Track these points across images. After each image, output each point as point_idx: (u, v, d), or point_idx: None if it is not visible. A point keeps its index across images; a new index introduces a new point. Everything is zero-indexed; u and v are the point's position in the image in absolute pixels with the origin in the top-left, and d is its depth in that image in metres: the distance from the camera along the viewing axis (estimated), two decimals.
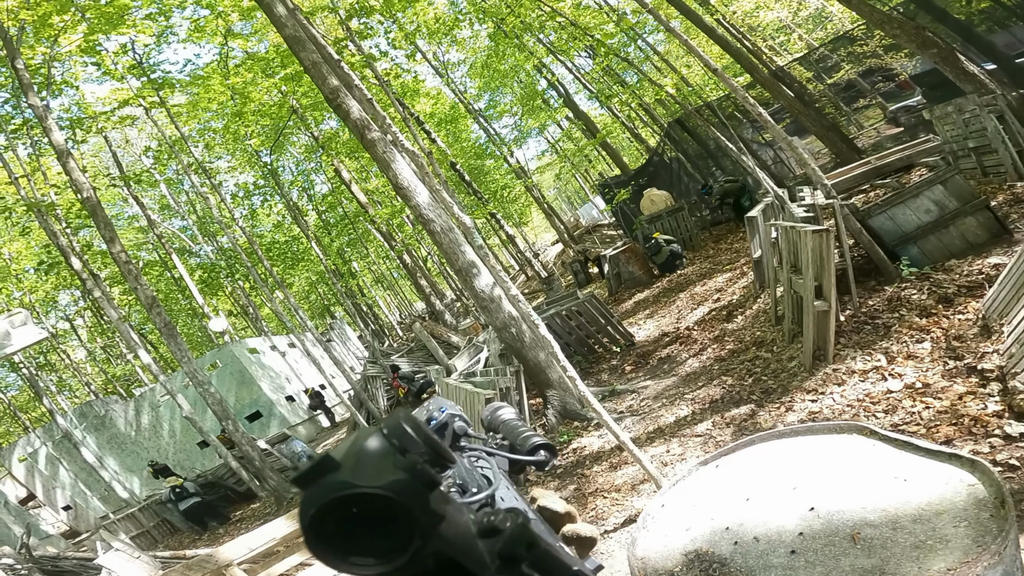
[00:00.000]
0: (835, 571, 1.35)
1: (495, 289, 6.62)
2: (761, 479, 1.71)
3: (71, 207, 16.42)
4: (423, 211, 7.03)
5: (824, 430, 1.77)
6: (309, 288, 30.83)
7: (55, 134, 12.00)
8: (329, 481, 0.42)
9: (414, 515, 0.42)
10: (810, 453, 1.70)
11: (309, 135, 20.04)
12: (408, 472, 0.44)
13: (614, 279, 12.77)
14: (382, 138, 7.61)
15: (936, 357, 4.34)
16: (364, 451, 0.45)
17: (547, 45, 19.07)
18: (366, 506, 0.42)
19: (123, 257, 12.13)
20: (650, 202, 13.65)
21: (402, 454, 0.46)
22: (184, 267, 21.70)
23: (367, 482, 0.42)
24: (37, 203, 14.27)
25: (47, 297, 24.74)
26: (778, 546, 1.47)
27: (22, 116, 15.56)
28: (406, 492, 0.42)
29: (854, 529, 1.39)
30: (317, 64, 7.95)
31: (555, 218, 21.05)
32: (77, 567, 7.59)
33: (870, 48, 14.97)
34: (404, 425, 0.49)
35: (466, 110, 22.52)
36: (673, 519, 1.79)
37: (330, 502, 0.42)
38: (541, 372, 6.60)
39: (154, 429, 19.02)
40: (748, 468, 1.81)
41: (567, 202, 48.17)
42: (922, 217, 5.49)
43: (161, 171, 23.29)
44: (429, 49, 21.58)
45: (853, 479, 1.51)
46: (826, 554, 1.39)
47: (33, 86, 11.92)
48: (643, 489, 4.89)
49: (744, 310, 7.72)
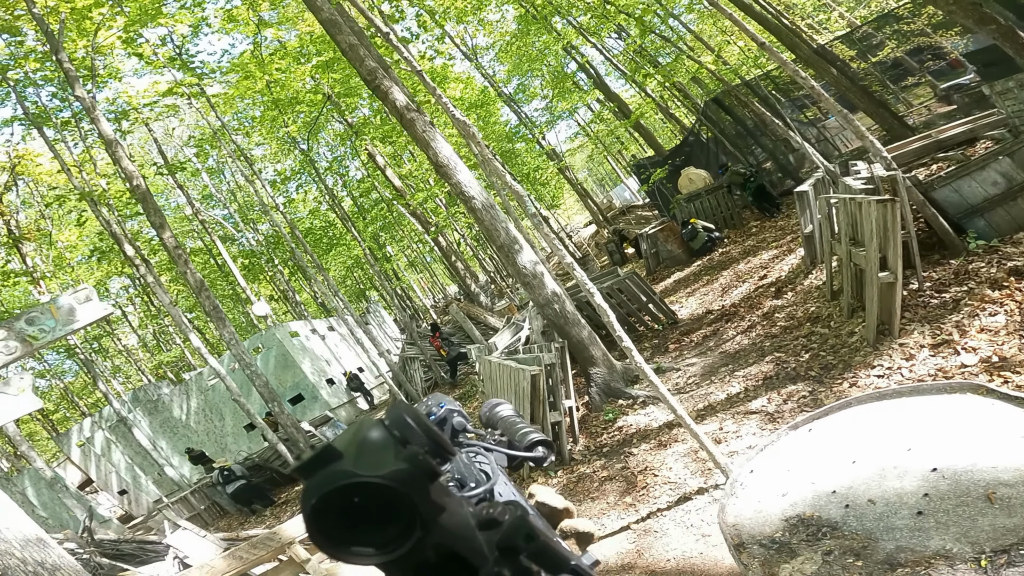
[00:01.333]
0: (972, 531, 1.29)
1: (538, 266, 6.59)
2: (865, 442, 1.65)
3: (121, 196, 17.02)
4: (464, 188, 7.02)
5: (933, 390, 1.68)
6: (345, 273, 31.37)
7: (103, 124, 12.41)
8: (331, 470, 0.42)
9: (415, 505, 0.42)
10: (920, 414, 1.63)
11: (343, 121, 20.22)
12: (409, 462, 0.44)
13: (652, 258, 12.58)
14: (420, 117, 7.63)
15: (1012, 330, 4.14)
16: (366, 441, 0.46)
17: (576, 26, 18.70)
18: (367, 496, 0.42)
19: (172, 243, 12.53)
20: (688, 181, 13.34)
21: (403, 445, 0.46)
22: (227, 253, 22.36)
23: (369, 472, 0.42)
24: (89, 192, 14.84)
25: (99, 284, 25.81)
26: (899, 508, 1.41)
27: (70, 109, 16.16)
28: (407, 482, 0.42)
29: (988, 489, 1.32)
30: (354, 47, 7.98)
31: (588, 199, 20.80)
32: (138, 550, 7.86)
33: (917, 27, 14.26)
34: (405, 417, 0.50)
35: (496, 94, 22.34)
36: (765, 484, 1.74)
37: (332, 491, 0.41)
38: (584, 349, 6.57)
39: (204, 412, 19.75)
40: (847, 431, 1.74)
41: (599, 184, 47.55)
42: (989, 189, 5.22)
43: (202, 160, 23.94)
44: (456, 34, 21.43)
45: (976, 440, 1.44)
46: (959, 514, 1.32)
47: (79, 79, 12.32)
48: (695, 467, 4.82)
49: (794, 286, 7.50)
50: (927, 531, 1.34)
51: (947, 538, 1.31)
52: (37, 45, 13.81)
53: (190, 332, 12.59)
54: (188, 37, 15.81)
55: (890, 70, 15.24)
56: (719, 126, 14.43)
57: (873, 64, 14.58)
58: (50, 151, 14.69)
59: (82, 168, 16.42)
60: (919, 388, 1.70)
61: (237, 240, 27.65)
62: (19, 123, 16.03)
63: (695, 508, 4.13)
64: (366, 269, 29.56)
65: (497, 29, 23.75)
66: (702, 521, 3.94)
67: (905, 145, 7.30)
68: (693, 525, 3.96)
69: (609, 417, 6.32)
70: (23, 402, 6.13)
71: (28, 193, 22.85)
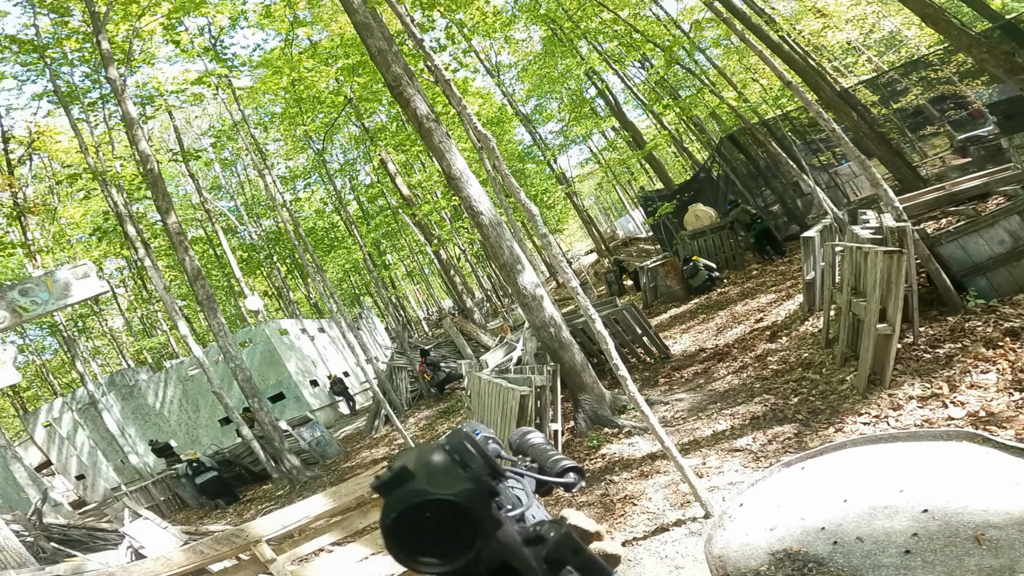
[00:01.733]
0: (959, 570, 1.26)
1: (538, 288, 6.58)
2: (858, 482, 1.61)
3: (133, 179, 17.08)
4: (473, 203, 7.04)
5: (929, 436, 1.65)
6: (343, 276, 31.33)
7: (128, 105, 12.50)
8: (410, 488, 0.48)
9: (480, 520, 0.48)
10: (914, 459, 1.60)
11: (360, 125, 20.41)
12: (474, 483, 0.50)
13: (650, 292, 12.58)
14: (439, 128, 7.70)
15: (1002, 387, 4.12)
16: (432, 464, 0.52)
17: (601, 51, 19.01)
18: (438, 512, 0.47)
19: (175, 228, 12.50)
20: (695, 217, 13.42)
21: (463, 467, 0.53)
22: (228, 244, 22.34)
23: (441, 490, 0.48)
24: (103, 172, 14.89)
25: (95, 261, 25.70)
26: (887, 546, 1.37)
27: (100, 91, 16.35)
28: (474, 500, 0.49)
29: (977, 530, 1.29)
30: (383, 51, 8.09)
31: (592, 227, 20.90)
32: (87, 536, 7.58)
33: (944, 75, 14.42)
34: (464, 442, 0.57)
35: (514, 112, 22.61)
36: (754, 518, 1.70)
37: (410, 507, 0.47)
38: (575, 375, 6.51)
39: (179, 403, 19.44)
40: (839, 471, 1.71)
41: (604, 212, 47.83)
42: (995, 248, 5.24)
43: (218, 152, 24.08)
44: (481, 49, 21.76)
45: (969, 485, 1.41)
46: (947, 554, 1.29)
47: (113, 60, 12.46)
48: (674, 499, 4.75)
49: (789, 331, 7.49)
50: (914, 569, 1.30)
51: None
52: (81, 26, 14.07)
53: (179, 319, 12.48)
54: (225, 28, 16.09)
55: (910, 118, 15.38)
56: (731, 164, 14.58)
57: (894, 111, 14.72)
58: (72, 129, 14.79)
59: (99, 148, 16.53)
60: (915, 434, 1.68)
61: (239, 233, 27.68)
62: (47, 99, 16.22)
63: (671, 539, 4.05)
64: (363, 274, 29.52)
65: (522, 48, 24.14)
66: (677, 553, 3.86)
67: (917, 196, 7.36)
68: (667, 556, 3.88)
69: (594, 444, 6.24)
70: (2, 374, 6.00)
71: (41, 167, 22.93)
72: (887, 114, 13.92)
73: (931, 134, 16.07)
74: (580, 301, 4.58)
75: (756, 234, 11.69)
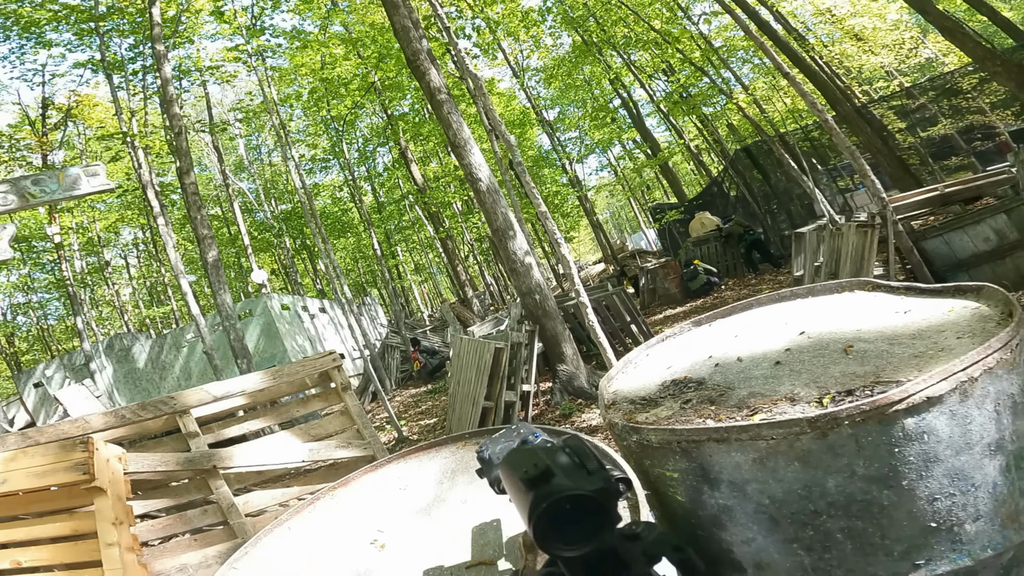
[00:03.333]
0: (823, 377, 1.31)
1: (527, 255, 6.66)
2: (754, 327, 1.67)
3: (161, 145, 17.53)
4: (474, 169, 7.20)
5: (825, 290, 1.71)
6: (351, 264, 31.64)
7: (166, 69, 12.88)
8: (557, 484, 0.59)
9: (608, 513, 0.59)
10: (810, 308, 1.65)
11: (382, 112, 20.77)
12: (605, 482, 0.61)
13: (648, 293, 12.59)
14: (449, 100, 7.95)
15: None
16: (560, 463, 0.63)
17: (627, 61, 19.19)
18: (576, 505, 0.58)
19: (192, 189, 12.78)
20: (700, 224, 13.44)
21: (583, 468, 0.64)
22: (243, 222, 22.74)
23: (583, 487, 0.59)
24: (134, 135, 15.32)
25: (110, 228, 26.21)
26: (761, 362, 1.43)
27: (143, 61, 16.89)
28: (607, 496, 0.59)
29: (847, 344, 1.34)
30: (406, 28, 8.41)
31: (601, 233, 20.98)
32: None
33: (975, 104, 14.16)
34: (585, 446, 0.69)
35: (536, 116, 22.84)
36: (656, 363, 1.76)
37: (559, 499, 0.57)
38: (556, 344, 6.56)
39: (171, 368, 19.55)
40: (743, 323, 1.76)
41: (618, 228, 48.08)
42: (979, 245, 5.23)
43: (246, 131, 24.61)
44: (511, 52, 22.08)
45: (850, 316, 1.46)
46: (814, 364, 1.35)
47: (163, 32, 12.89)
48: None
49: None
50: (780, 378, 1.36)
51: (797, 383, 1.32)
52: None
53: (182, 277, 12.67)
54: (267, 9, 16.55)
55: (936, 145, 15.11)
56: (745, 179, 14.57)
57: (921, 139, 14.50)
58: (112, 95, 15.21)
59: (134, 115, 17.02)
60: (812, 289, 1.73)
61: (255, 215, 28.13)
62: (89, 68, 16.73)
63: None
64: (371, 263, 29.82)
65: (552, 53, 24.41)
66: None
67: (909, 196, 7.35)
68: None
69: (566, 412, 6.26)
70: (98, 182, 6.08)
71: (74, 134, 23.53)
72: (913, 142, 13.76)
73: (956, 167, 15.76)
74: (572, 272, 4.68)
75: (746, 245, 11.75)
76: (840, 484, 1.22)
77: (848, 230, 4.18)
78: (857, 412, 1.17)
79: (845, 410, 1.17)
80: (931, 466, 1.19)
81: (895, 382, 1.23)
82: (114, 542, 2.38)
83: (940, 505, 1.22)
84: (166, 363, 19.65)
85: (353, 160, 21.52)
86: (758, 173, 14.39)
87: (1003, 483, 1.24)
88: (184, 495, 2.98)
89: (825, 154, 15.05)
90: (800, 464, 1.22)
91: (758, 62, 20.65)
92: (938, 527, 1.22)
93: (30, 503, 2.57)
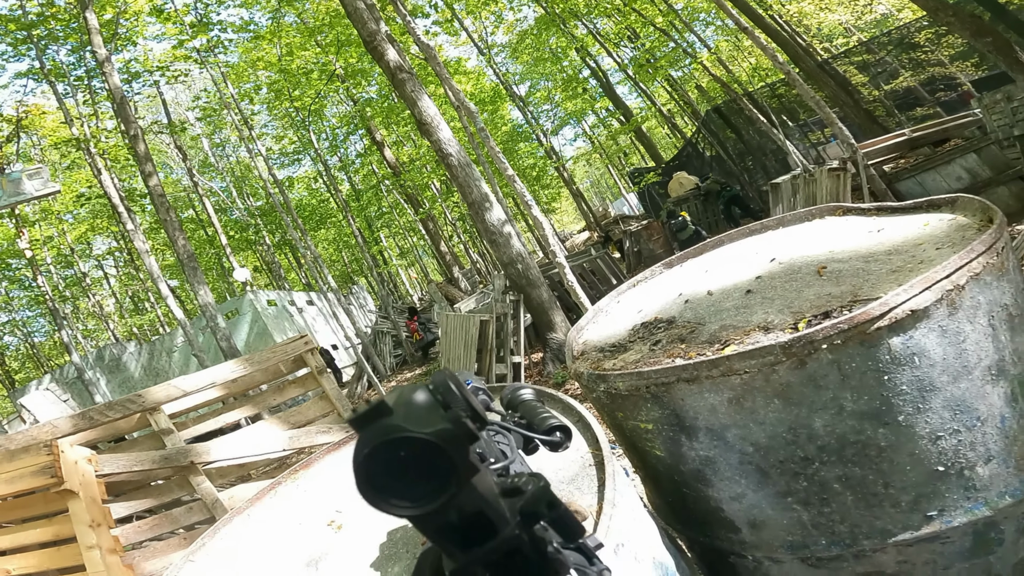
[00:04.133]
0: (797, 301, 1.23)
1: (506, 225, 6.56)
2: (726, 263, 1.60)
3: (119, 150, 17.02)
4: (443, 145, 7.05)
5: (796, 219, 1.64)
6: (335, 256, 31.30)
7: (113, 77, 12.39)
8: (384, 424, 0.46)
9: (454, 463, 0.45)
10: (781, 237, 1.58)
11: (349, 101, 20.33)
12: (452, 423, 0.47)
13: (634, 256, 12.57)
14: (411, 78, 7.73)
15: None
16: (413, 401, 0.50)
17: (592, 31, 18.91)
18: (412, 451, 0.45)
19: (158, 190, 12.44)
20: (679, 184, 13.39)
21: (445, 408, 0.50)
22: (218, 220, 22.30)
23: (417, 428, 0.45)
24: (87, 140, 14.83)
25: (81, 239, 25.61)
26: (732, 293, 1.36)
27: (84, 66, 16.28)
28: (450, 440, 0.45)
29: (820, 265, 1.27)
30: (359, 11, 8.17)
31: (583, 201, 20.89)
32: None
33: (934, 57, 14.39)
34: (449, 383, 0.57)
35: (506, 91, 22.48)
36: (627, 308, 1.69)
37: (384, 443, 0.45)
38: (544, 313, 6.51)
39: (165, 374, 19.36)
40: (715, 259, 1.69)
41: (600, 197, 48.08)
42: (952, 184, 5.25)
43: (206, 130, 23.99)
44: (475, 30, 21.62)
45: (822, 239, 1.39)
46: (787, 289, 1.27)
47: (99, 32, 12.35)
48: None
49: None
50: (752, 308, 1.29)
51: (771, 311, 1.26)
52: (67, 6, 14.05)
53: (160, 282, 12.43)
54: (212, 6, 15.93)
55: (900, 98, 15.34)
56: (719, 138, 14.50)
57: (885, 93, 14.68)
58: (59, 103, 14.72)
59: (84, 121, 16.49)
60: (784, 219, 1.67)
61: (231, 214, 27.61)
62: (31, 77, 16.18)
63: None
64: (355, 252, 29.56)
65: (517, 28, 23.96)
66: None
67: (879, 142, 7.35)
68: None
69: (559, 380, 6.25)
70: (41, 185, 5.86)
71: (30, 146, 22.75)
72: (877, 95, 13.86)
73: (922, 116, 16.03)
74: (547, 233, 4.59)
75: (725, 201, 11.76)
76: (828, 424, 1.12)
77: (821, 175, 4.14)
78: (836, 333, 1.08)
79: (822, 331, 1.08)
80: (928, 396, 1.10)
81: (875, 299, 1.13)
82: (94, 544, 2.32)
83: (945, 444, 1.12)
84: (159, 369, 19.43)
85: (324, 150, 21.13)
86: (731, 132, 14.34)
87: (1012, 416, 1.14)
88: (167, 494, 2.92)
89: (794, 110, 15.10)
90: (781, 402, 1.13)
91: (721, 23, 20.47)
92: (946, 471, 1.13)
93: (11, 510, 2.51)
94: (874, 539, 1.18)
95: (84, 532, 2.28)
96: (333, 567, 1.17)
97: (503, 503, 0.51)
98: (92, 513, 2.29)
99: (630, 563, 0.99)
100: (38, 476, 2.17)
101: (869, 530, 1.17)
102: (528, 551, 0.51)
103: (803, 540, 1.24)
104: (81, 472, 2.25)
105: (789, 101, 15.11)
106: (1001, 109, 7.50)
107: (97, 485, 2.35)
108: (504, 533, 0.49)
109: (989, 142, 5.16)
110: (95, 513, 2.30)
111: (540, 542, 0.52)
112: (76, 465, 2.22)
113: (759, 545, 1.29)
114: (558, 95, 24.80)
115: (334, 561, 1.19)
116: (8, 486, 2.25)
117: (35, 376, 32.75)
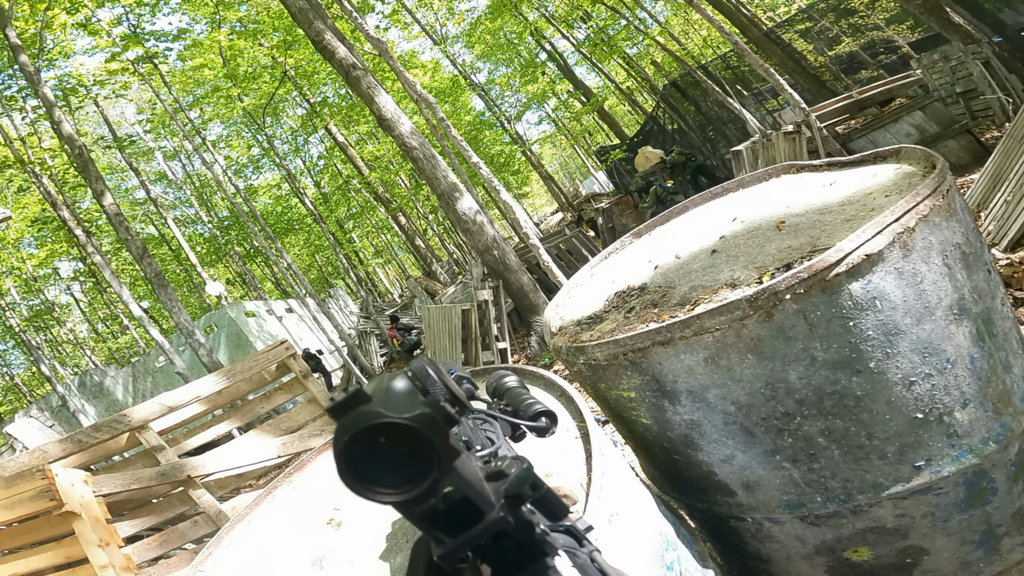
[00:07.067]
0: (760, 257, 1.29)
1: (478, 214, 6.57)
2: (691, 227, 1.67)
3: (66, 170, 16.42)
4: (406, 139, 6.99)
5: (754, 180, 1.71)
6: (310, 261, 30.85)
7: (45, 90, 11.91)
8: (362, 411, 0.45)
9: (435, 447, 0.46)
10: (740, 198, 1.65)
11: (305, 103, 19.92)
12: (431, 408, 0.47)
13: (608, 232, 12.69)
14: (365, 75, 7.62)
15: None
16: (391, 388, 0.50)
17: (545, 15, 18.85)
18: (393, 436, 0.45)
19: (114, 209, 12.07)
20: (644, 159, 13.50)
21: (424, 394, 0.51)
22: (181, 234, 21.74)
23: (395, 413, 0.45)
24: (31, 162, 14.27)
25: (43, 264, 24.78)
26: (699, 255, 1.42)
27: (17, 85, 15.57)
28: (429, 425, 0.46)
29: (779, 221, 1.34)
30: (304, 11, 8.00)
31: (553, 183, 20.93)
32: None
33: (871, 21, 14.84)
34: (428, 368, 0.56)
35: (465, 81, 22.29)
36: (600, 280, 1.74)
37: (362, 430, 0.45)
38: (524, 297, 6.56)
39: (151, 394, 19.00)
40: (681, 226, 1.76)
41: (569, 178, 48.20)
42: (902, 140, 5.44)
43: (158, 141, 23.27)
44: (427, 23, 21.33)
45: (779, 196, 1.46)
46: (749, 245, 1.33)
47: (23, 48, 11.83)
48: None
49: None
50: (718, 267, 1.35)
51: (736, 268, 1.33)
52: None
53: (131, 303, 12.13)
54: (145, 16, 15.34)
55: (845, 63, 15.81)
56: (679, 112, 14.64)
57: (829, 58, 15.09)
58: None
59: (25, 142, 15.85)
60: (743, 181, 1.74)
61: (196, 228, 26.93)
62: None
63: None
64: (329, 254, 29.18)
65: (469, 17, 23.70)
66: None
67: (828, 105, 7.56)
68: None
69: (545, 362, 6.33)
70: None
71: None
72: (823, 60, 14.23)
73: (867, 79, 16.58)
74: (518, 217, 4.61)
75: (691, 171, 11.91)
76: (803, 375, 1.14)
77: (778, 139, 4.26)
78: (797, 282, 1.12)
79: (784, 281, 1.13)
80: (895, 340, 1.12)
81: (832, 247, 1.20)
82: (106, 564, 2.33)
83: (920, 389, 1.14)
84: (144, 391, 19.05)
85: (284, 153, 20.71)
86: (689, 105, 14.50)
87: (980, 356, 1.16)
88: (170, 510, 2.92)
89: (748, 79, 15.38)
90: (754, 357, 1.16)
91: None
92: (925, 418, 1.14)
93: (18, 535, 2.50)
94: (868, 493, 1.20)
95: (94, 552, 2.30)
96: (338, 564, 1.19)
97: (488, 487, 0.52)
98: (98, 532, 2.30)
99: (626, 532, 0.99)
100: (37, 500, 2.18)
101: (861, 484, 1.20)
102: (515, 534, 0.51)
103: (799, 498, 1.26)
104: (80, 493, 2.25)
105: (742, 71, 15.36)
106: (940, 68, 7.80)
107: (98, 505, 2.35)
108: (490, 516, 0.49)
109: (933, 99, 5.36)
110: (101, 532, 2.31)
111: (527, 524, 0.52)
112: (73, 487, 2.22)
113: (756, 507, 1.32)
114: (517, 80, 24.69)
115: (338, 558, 1.21)
116: (9, 512, 2.25)
117: (19, 407, 31.85)
